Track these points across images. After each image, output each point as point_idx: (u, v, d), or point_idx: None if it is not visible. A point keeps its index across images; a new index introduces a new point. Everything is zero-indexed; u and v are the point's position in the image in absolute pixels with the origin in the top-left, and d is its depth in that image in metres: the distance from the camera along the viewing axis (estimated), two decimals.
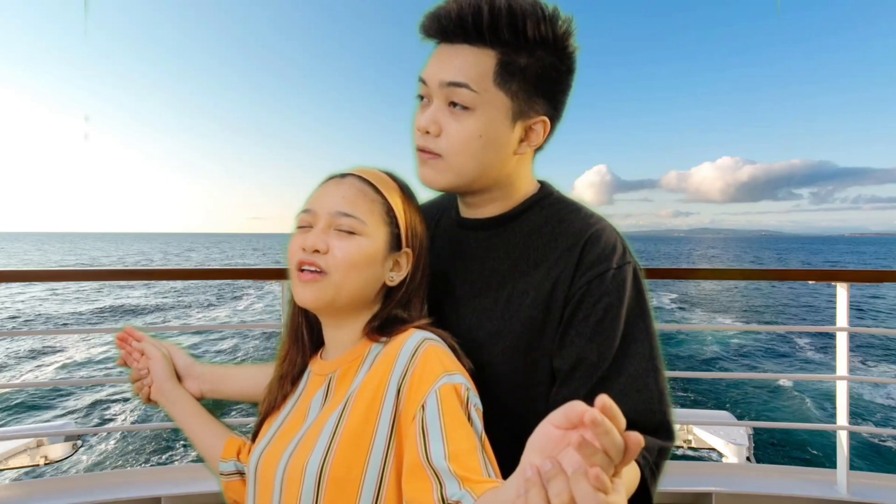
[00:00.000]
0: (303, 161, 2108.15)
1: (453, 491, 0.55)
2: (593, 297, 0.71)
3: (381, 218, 0.73)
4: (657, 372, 0.72)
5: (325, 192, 0.74)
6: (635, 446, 0.35)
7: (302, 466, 0.65)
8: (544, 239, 0.78)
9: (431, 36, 0.76)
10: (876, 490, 1.77)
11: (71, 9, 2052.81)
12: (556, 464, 0.36)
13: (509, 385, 0.75)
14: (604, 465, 0.35)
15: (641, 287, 0.75)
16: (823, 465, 4.30)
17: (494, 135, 0.74)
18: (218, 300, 26.76)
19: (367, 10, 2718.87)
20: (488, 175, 0.78)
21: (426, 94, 0.76)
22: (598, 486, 0.34)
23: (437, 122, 0.74)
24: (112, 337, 0.94)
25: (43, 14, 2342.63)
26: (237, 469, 0.84)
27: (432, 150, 0.75)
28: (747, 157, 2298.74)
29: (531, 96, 0.74)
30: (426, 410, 0.61)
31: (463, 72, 0.72)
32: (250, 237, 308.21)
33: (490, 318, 0.77)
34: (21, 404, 10.03)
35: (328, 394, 0.74)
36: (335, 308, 0.73)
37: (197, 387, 0.91)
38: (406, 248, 0.76)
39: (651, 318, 0.75)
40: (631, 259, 0.76)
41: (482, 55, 0.72)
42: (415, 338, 0.70)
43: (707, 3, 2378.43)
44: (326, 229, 0.71)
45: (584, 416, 0.35)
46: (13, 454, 4.92)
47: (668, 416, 0.71)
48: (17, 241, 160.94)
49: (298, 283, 0.71)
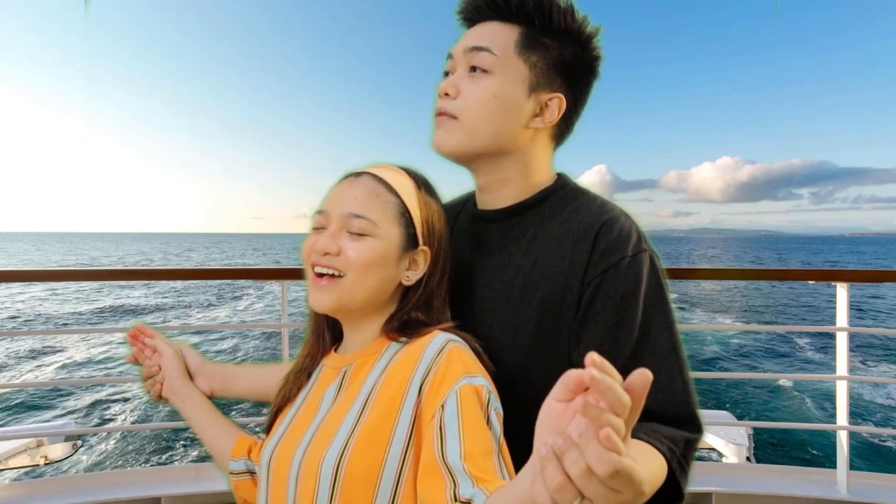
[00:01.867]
0: (303, 161, 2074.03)
1: (466, 489, 0.54)
2: (609, 286, 0.70)
3: (394, 218, 0.73)
4: (680, 361, 0.70)
5: (339, 193, 0.74)
6: (641, 390, 0.35)
7: (318, 462, 0.64)
8: (558, 228, 0.78)
9: (467, 18, 0.83)
10: (876, 490, 1.77)
11: (71, 9, 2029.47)
12: (567, 437, 0.35)
13: (529, 381, 0.74)
14: (612, 424, 0.34)
15: (659, 275, 0.73)
16: (823, 465, 4.30)
17: (509, 99, 0.77)
18: (218, 300, 26.74)
19: (367, 10, 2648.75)
20: (499, 143, 0.78)
21: (450, 66, 0.81)
22: (610, 447, 0.33)
23: (455, 85, 0.79)
24: (112, 337, 0.95)
25: (43, 14, 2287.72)
26: (248, 468, 0.83)
27: (449, 111, 0.79)
28: (747, 157, 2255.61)
29: (550, 72, 0.78)
30: (445, 410, 0.61)
31: (487, 38, 0.77)
32: (250, 237, 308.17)
33: (506, 309, 0.77)
34: (21, 404, 10.03)
35: (341, 387, 0.73)
36: (350, 310, 0.73)
37: (208, 385, 0.92)
38: (423, 246, 0.75)
39: (670, 306, 0.73)
40: (647, 246, 0.74)
41: (507, 27, 0.78)
42: (439, 339, 0.69)
43: (707, 3, 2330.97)
44: (339, 231, 0.71)
45: (581, 378, 0.34)
46: (13, 454, 4.91)
47: (694, 406, 0.68)
48: (17, 241, 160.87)
49: (314, 288, 0.72)
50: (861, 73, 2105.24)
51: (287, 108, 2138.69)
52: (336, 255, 0.70)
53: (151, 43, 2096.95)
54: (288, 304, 1.93)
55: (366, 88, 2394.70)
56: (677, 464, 0.62)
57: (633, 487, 0.35)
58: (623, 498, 0.35)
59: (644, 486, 0.35)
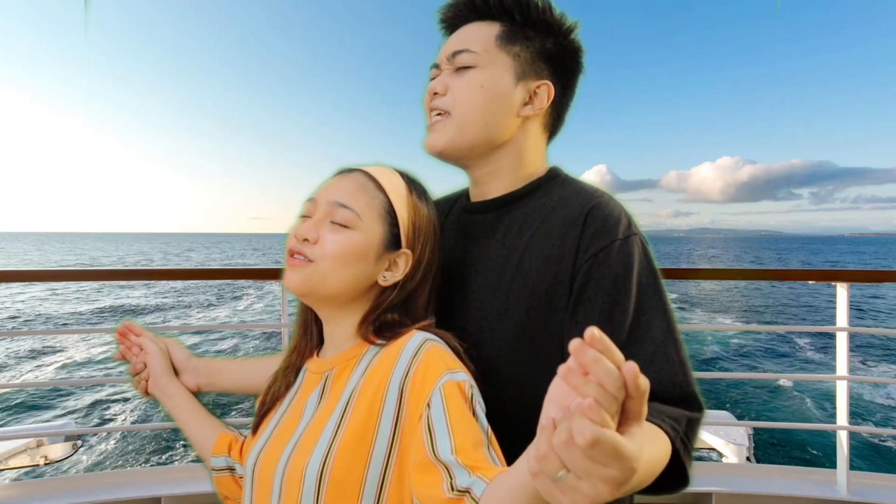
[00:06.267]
0: (303, 161, 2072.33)
1: (463, 479, 0.54)
2: (600, 270, 0.69)
3: (378, 214, 0.73)
4: (676, 342, 0.69)
5: (329, 184, 0.75)
6: (632, 375, 0.34)
7: (302, 468, 0.65)
8: (548, 216, 0.77)
9: (449, 25, 0.84)
10: (876, 490, 1.77)
11: (71, 9, 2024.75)
12: (568, 410, 0.35)
13: (518, 371, 0.73)
14: (600, 397, 0.33)
15: (651, 258, 0.73)
16: (823, 465, 4.30)
17: (496, 87, 0.78)
18: (218, 300, 26.75)
19: (367, 10, 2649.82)
20: (490, 134, 0.79)
21: (435, 75, 0.83)
22: (592, 417, 0.32)
23: (443, 83, 0.80)
24: (112, 337, 0.95)
25: (43, 14, 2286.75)
26: (227, 465, 0.84)
27: (440, 107, 0.80)
28: (747, 157, 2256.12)
29: (535, 61, 0.79)
30: (431, 408, 0.61)
31: (466, 40, 0.79)
32: (250, 237, 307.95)
33: (496, 295, 0.76)
34: (21, 404, 10.03)
35: (323, 393, 0.73)
36: (320, 297, 0.73)
37: (193, 380, 0.92)
38: (405, 248, 0.75)
39: (664, 289, 0.71)
40: (637, 231, 0.73)
41: (486, 25, 0.80)
42: (416, 338, 0.69)
43: (707, 3, 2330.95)
44: (323, 219, 0.72)
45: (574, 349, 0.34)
46: (13, 454, 4.92)
47: (693, 385, 0.67)
48: (17, 241, 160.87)
49: (287, 267, 0.72)
50: (861, 73, 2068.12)
51: (287, 108, 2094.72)
52: (314, 242, 0.70)
53: (151, 43, 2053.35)
54: (288, 304, 1.92)
55: (366, 88, 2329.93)
56: (681, 443, 0.61)
57: (621, 463, 0.34)
58: (611, 473, 0.34)
59: (636, 463, 0.34)
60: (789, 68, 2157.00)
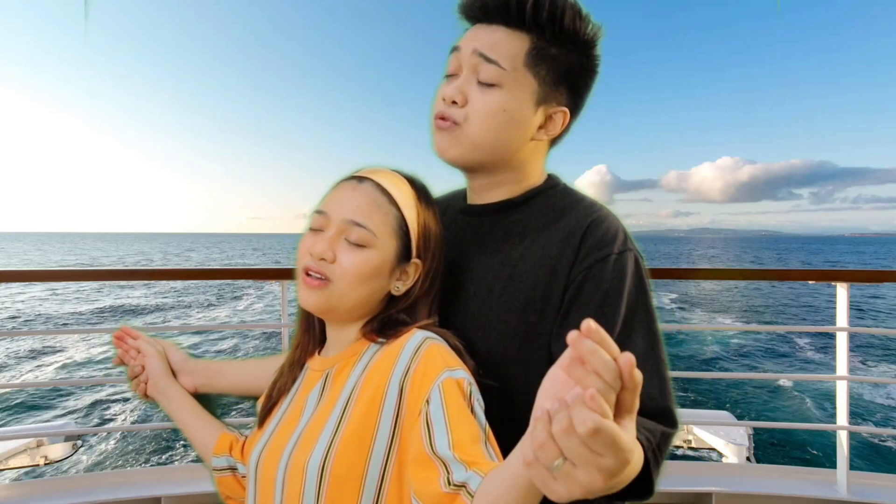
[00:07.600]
0: (303, 161, 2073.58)
1: (459, 474, 0.55)
2: (594, 282, 0.71)
3: (392, 231, 0.73)
4: (658, 360, 0.71)
5: (341, 196, 0.73)
6: (628, 366, 0.35)
7: (303, 464, 0.65)
8: (547, 226, 0.78)
9: (470, 16, 0.79)
10: (876, 490, 1.77)
11: (71, 9, 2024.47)
12: (563, 401, 0.36)
13: (509, 374, 0.74)
14: (599, 387, 0.34)
15: (643, 275, 0.75)
16: (823, 465, 4.30)
17: (518, 113, 0.76)
18: (218, 300, 26.75)
19: (367, 10, 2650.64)
20: (503, 155, 0.79)
21: (455, 66, 0.78)
22: (593, 407, 0.33)
23: (463, 93, 0.76)
24: (111, 337, 0.95)
25: (43, 14, 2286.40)
26: (229, 465, 0.85)
27: (454, 117, 0.77)
28: (747, 157, 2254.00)
29: (557, 85, 0.77)
30: (430, 405, 0.62)
31: (496, 48, 0.74)
32: (250, 237, 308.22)
33: (490, 299, 0.77)
34: (21, 404, 10.03)
35: (324, 390, 0.74)
36: (337, 313, 0.74)
37: (191, 382, 0.93)
38: (415, 259, 0.75)
39: (652, 307, 0.74)
40: (633, 247, 0.75)
41: (517, 37, 0.75)
42: (416, 337, 0.70)
43: (707, 3, 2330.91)
44: (337, 237, 0.71)
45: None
46: (13, 454, 4.91)
47: (670, 403, 0.69)
48: (17, 241, 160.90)
49: (303, 287, 0.72)
50: (861, 73, 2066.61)
51: (287, 108, 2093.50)
52: (331, 262, 0.70)
53: (151, 43, 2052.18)
54: (288, 304, 1.92)
55: (366, 88, 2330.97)
56: (652, 454, 0.63)
57: (617, 453, 0.35)
58: (605, 463, 0.35)
59: (630, 454, 0.35)
60: (789, 68, 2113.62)
